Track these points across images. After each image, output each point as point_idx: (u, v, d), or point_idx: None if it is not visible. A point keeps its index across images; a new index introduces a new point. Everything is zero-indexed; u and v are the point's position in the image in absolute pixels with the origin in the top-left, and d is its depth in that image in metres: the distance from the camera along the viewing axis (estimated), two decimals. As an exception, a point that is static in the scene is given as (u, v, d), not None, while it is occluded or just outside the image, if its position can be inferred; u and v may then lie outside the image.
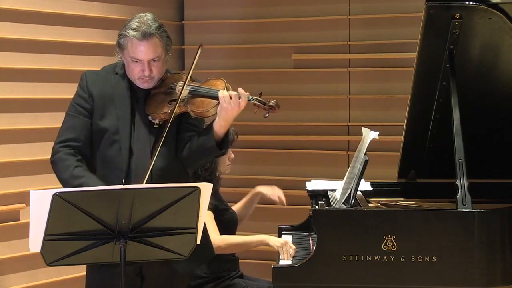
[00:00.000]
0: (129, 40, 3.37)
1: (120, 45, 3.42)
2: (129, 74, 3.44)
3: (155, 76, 3.42)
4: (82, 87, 3.47)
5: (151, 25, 3.38)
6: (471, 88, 3.86)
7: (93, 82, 3.46)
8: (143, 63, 3.38)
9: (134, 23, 3.39)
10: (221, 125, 3.36)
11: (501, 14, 3.62)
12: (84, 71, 3.52)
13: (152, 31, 3.37)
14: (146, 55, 3.37)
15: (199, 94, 3.42)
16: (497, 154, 4.08)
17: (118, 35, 3.44)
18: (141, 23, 3.38)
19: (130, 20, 3.43)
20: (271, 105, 3.41)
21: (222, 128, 3.37)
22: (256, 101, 3.41)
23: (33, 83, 5.20)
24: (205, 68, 6.19)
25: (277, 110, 3.43)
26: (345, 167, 4.59)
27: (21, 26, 5.13)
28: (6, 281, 5.00)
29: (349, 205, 3.56)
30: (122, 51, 3.42)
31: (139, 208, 2.91)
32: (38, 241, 2.85)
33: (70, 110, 3.46)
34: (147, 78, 3.40)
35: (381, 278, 3.39)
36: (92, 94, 3.44)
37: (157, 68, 3.41)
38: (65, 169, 3.38)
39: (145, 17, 3.43)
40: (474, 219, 3.38)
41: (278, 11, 6.13)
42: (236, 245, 4.13)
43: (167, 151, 3.42)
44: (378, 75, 5.90)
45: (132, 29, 3.37)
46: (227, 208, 4.27)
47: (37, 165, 5.12)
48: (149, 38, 3.36)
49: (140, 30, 3.36)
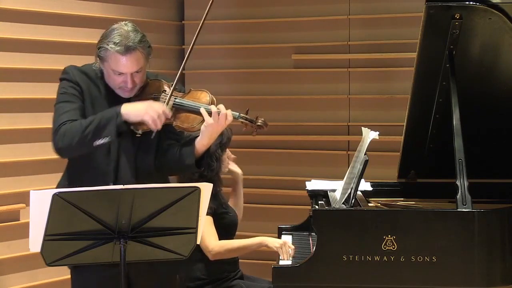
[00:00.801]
0: (111, 54, 3.30)
1: (100, 57, 3.35)
2: (110, 83, 3.40)
3: (137, 85, 3.39)
4: (71, 80, 3.39)
5: (133, 38, 3.31)
6: (471, 88, 3.86)
7: (80, 78, 3.41)
8: (126, 75, 3.34)
9: (116, 37, 3.30)
10: (203, 144, 3.35)
11: (501, 14, 3.62)
12: (67, 66, 3.46)
13: (135, 44, 3.30)
14: (129, 69, 3.32)
15: (184, 108, 3.38)
16: (497, 154, 4.08)
17: (97, 46, 3.36)
18: (123, 36, 3.30)
19: (110, 32, 3.35)
20: (259, 124, 3.41)
21: (203, 147, 3.36)
22: (243, 119, 3.40)
23: (33, 83, 5.20)
24: (205, 68, 6.20)
25: (265, 128, 3.43)
26: (345, 167, 4.59)
27: (21, 26, 5.13)
28: (6, 281, 5.00)
29: (349, 205, 3.56)
30: (102, 63, 3.36)
31: (139, 208, 2.91)
32: (38, 241, 2.86)
33: (63, 99, 3.37)
34: (128, 88, 3.37)
35: (381, 278, 3.39)
36: (82, 88, 3.39)
37: (139, 79, 3.38)
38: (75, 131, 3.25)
39: (125, 27, 3.35)
40: (474, 219, 3.38)
41: (278, 11, 6.13)
42: (235, 250, 4.12)
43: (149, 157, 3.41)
44: (378, 75, 5.90)
45: (114, 43, 3.29)
46: (226, 211, 4.26)
47: (37, 165, 5.12)
48: (132, 51, 3.30)
49: (122, 44, 3.29)
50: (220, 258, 4.07)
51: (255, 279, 4.40)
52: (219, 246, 4.06)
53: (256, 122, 3.40)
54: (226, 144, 4.20)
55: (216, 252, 4.02)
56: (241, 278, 4.30)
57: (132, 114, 3.28)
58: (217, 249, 4.02)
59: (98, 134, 3.25)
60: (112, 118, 3.26)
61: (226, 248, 4.08)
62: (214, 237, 4.06)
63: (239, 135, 4.31)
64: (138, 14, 5.83)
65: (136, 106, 3.30)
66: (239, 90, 6.09)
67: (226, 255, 4.09)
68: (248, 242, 4.13)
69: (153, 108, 3.27)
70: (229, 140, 4.21)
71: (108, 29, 3.37)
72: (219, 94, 3.49)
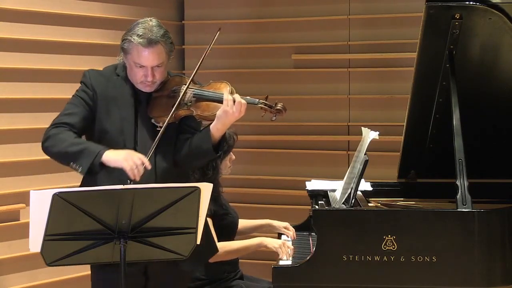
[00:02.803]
0: (134, 46, 3.37)
1: (124, 49, 3.42)
2: (131, 77, 3.45)
3: (158, 81, 3.44)
4: (86, 84, 3.47)
5: (156, 32, 3.38)
6: (471, 88, 3.86)
7: (97, 81, 3.47)
8: (147, 69, 3.39)
9: (140, 29, 3.38)
10: (218, 128, 3.38)
11: (501, 14, 3.62)
12: (87, 70, 3.52)
13: (157, 38, 3.37)
14: (150, 62, 3.38)
15: (204, 98, 3.44)
16: (497, 154, 4.08)
17: (122, 39, 3.43)
18: (147, 30, 3.37)
19: (135, 25, 3.42)
20: (278, 108, 3.45)
21: (218, 132, 3.39)
22: (263, 104, 3.44)
23: (33, 83, 5.20)
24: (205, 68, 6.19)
25: (284, 113, 3.47)
26: (345, 167, 4.59)
27: (21, 26, 5.13)
28: (6, 281, 5.00)
29: (349, 205, 3.56)
30: (125, 55, 3.42)
31: (139, 208, 2.91)
32: (38, 241, 2.85)
33: (72, 101, 3.46)
34: (149, 82, 3.42)
35: (381, 278, 3.39)
36: (96, 93, 3.44)
37: (159, 74, 3.43)
38: (62, 141, 3.34)
39: (150, 22, 3.42)
40: (474, 219, 3.38)
41: (278, 11, 6.13)
42: (234, 252, 4.12)
43: (169, 153, 3.44)
44: (378, 75, 5.90)
45: (137, 35, 3.36)
46: (227, 212, 4.25)
47: (37, 165, 5.12)
48: (154, 45, 3.37)
49: (146, 37, 3.35)
50: (220, 260, 4.07)
51: (255, 279, 4.40)
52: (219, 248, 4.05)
53: (275, 107, 3.44)
54: (227, 151, 4.19)
55: (216, 255, 4.01)
56: (241, 278, 4.30)
57: (111, 160, 3.30)
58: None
59: (73, 158, 3.31)
60: (92, 154, 3.30)
61: (225, 250, 4.07)
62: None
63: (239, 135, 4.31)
64: (138, 14, 5.82)
65: (117, 153, 3.32)
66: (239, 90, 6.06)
67: (225, 257, 4.09)
68: (247, 243, 4.13)
69: (132, 158, 3.28)
70: (230, 147, 4.20)
71: (134, 23, 3.44)
72: (219, 94, 3.50)
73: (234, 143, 4.23)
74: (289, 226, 4.34)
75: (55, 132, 3.37)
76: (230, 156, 4.26)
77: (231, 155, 4.26)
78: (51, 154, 3.39)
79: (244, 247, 4.13)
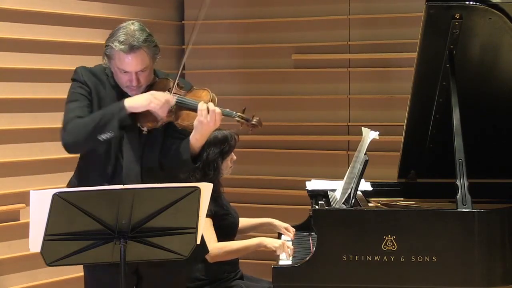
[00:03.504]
0: (116, 52, 3.33)
1: (107, 55, 3.39)
2: (118, 82, 3.43)
3: (143, 84, 3.42)
4: (80, 81, 3.44)
5: (139, 37, 3.33)
6: (471, 88, 3.86)
7: (89, 79, 3.44)
8: (131, 74, 3.36)
9: (121, 35, 3.33)
10: (197, 138, 3.35)
11: (501, 14, 3.62)
12: (78, 67, 3.49)
13: (139, 44, 3.33)
14: (133, 67, 3.35)
15: (185, 107, 3.40)
16: (497, 154, 4.08)
17: (104, 45, 3.39)
18: (128, 35, 3.33)
19: (116, 30, 3.38)
20: (253, 123, 3.41)
21: (198, 142, 3.36)
22: (239, 118, 3.41)
23: (33, 83, 5.20)
24: (205, 68, 6.20)
25: (259, 127, 3.44)
26: (345, 167, 4.59)
27: (21, 26, 5.13)
28: (6, 281, 5.00)
29: (349, 205, 3.56)
30: (109, 60, 3.40)
31: (139, 208, 2.91)
32: (38, 241, 2.85)
33: (73, 98, 3.43)
34: (134, 87, 3.40)
35: (381, 278, 3.39)
36: (91, 88, 3.43)
37: (144, 78, 3.40)
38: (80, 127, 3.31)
39: (132, 26, 3.37)
40: (474, 219, 3.38)
41: (278, 11, 6.13)
42: (234, 252, 4.12)
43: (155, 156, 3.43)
44: (378, 75, 5.90)
45: (119, 42, 3.32)
46: (227, 212, 4.25)
47: (37, 165, 5.13)
48: (137, 50, 3.32)
49: (127, 43, 3.31)
50: (219, 260, 4.07)
51: (255, 279, 4.40)
52: (218, 248, 4.05)
53: (251, 121, 3.42)
54: (227, 152, 4.19)
55: (215, 255, 4.01)
56: (241, 278, 4.30)
57: (136, 106, 3.32)
58: (215, 251, 4.01)
59: (102, 129, 3.29)
60: (115, 113, 3.30)
61: (225, 251, 4.07)
62: (213, 240, 4.05)
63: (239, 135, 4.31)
64: (138, 14, 5.83)
65: (139, 98, 3.34)
66: (239, 90, 6.09)
67: (225, 257, 4.09)
68: (246, 243, 4.13)
69: (156, 98, 3.31)
70: (231, 147, 4.19)
71: (116, 28, 3.40)
72: (219, 94, 3.49)
73: (236, 144, 4.23)
74: (290, 228, 4.34)
75: (70, 127, 3.33)
76: (232, 157, 4.26)
77: (232, 155, 4.26)
78: (79, 144, 3.34)
79: (244, 247, 4.12)
